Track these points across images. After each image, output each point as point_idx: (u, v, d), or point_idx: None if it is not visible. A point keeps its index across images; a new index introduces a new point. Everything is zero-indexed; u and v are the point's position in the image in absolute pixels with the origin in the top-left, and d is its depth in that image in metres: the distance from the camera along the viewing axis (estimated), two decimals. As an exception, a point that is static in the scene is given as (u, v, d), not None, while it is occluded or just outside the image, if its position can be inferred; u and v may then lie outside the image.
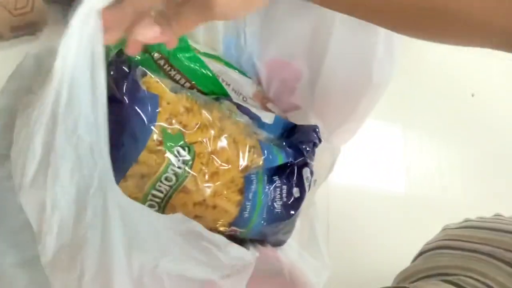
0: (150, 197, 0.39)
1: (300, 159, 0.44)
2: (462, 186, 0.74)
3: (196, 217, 0.41)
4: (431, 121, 0.77)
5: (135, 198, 0.38)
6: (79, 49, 0.30)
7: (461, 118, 0.79)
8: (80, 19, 0.29)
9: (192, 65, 0.44)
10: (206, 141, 0.39)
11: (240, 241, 0.44)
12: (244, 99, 0.48)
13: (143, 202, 0.39)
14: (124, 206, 0.33)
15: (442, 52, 0.84)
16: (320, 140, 0.45)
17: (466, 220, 0.49)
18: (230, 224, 0.42)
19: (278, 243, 0.47)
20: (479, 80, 0.83)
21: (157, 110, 0.37)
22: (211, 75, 0.45)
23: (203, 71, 0.45)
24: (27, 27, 0.59)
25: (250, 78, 0.52)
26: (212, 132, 0.39)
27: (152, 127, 0.37)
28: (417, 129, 0.76)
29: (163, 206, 0.39)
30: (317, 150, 0.46)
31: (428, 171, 0.74)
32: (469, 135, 0.77)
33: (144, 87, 0.37)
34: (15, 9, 0.56)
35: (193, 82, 0.44)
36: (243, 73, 0.52)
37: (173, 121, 0.38)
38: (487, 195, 0.73)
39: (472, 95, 0.81)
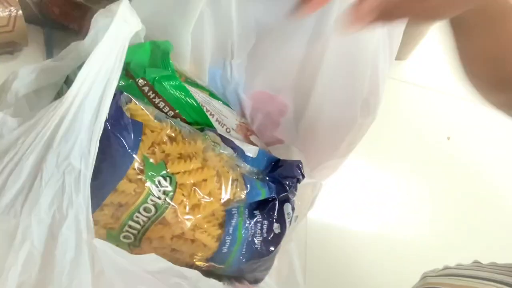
0: (126, 228, 0.37)
1: (282, 194, 0.43)
2: (436, 226, 0.74)
3: (173, 251, 0.39)
4: (408, 161, 0.78)
5: (111, 229, 0.37)
6: (95, 81, 0.29)
7: (437, 160, 0.80)
8: (103, 49, 0.29)
9: (177, 94, 0.43)
10: (189, 172, 0.38)
11: (217, 277, 0.42)
12: (228, 130, 0.47)
13: (119, 233, 0.37)
14: (95, 244, 0.31)
15: (419, 93, 0.86)
16: (303, 176, 0.44)
17: (445, 268, 0.49)
18: (208, 260, 0.40)
19: (255, 281, 0.45)
20: (455, 123, 0.86)
21: (140, 138, 0.36)
22: (195, 104, 0.44)
23: (188, 100, 0.44)
24: (6, 46, 0.58)
25: (234, 109, 0.52)
26: (196, 163, 0.38)
27: (134, 155, 0.36)
28: (394, 168, 0.77)
29: (139, 238, 0.37)
30: (299, 185, 0.46)
31: (405, 211, 0.74)
32: (445, 176, 0.79)
33: (128, 114, 0.36)
34: (-5, 27, 0.55)
35: (177, 111, 0.43)
36: (227, 104, 0.52)
37: (156, 149, 0.37)
38: (462, 235, 0.73)
39: (448, 138, 0.83)
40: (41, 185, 0.29)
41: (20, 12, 0.56)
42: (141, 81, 0.43)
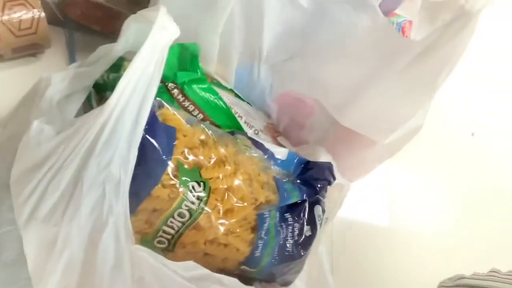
0: (160, 233, 0.37)
1: (313, 196, 0.43)
2: (462, 223, 0.74)
3: (206, 255, 0.39)
4: (432, 157, 0.77)
5: (145, 234, 0.37)
6: (136, 87, 0.29)
7: (462, 156, 0.79)
8: (144, 56, 0.29)
9: (206, 96, 0.43)
10: (222, 177, 0.38)
11: (248, 280, 0.42)
12: (256, 132, 0.47)
13: (153, 238, 0.37)
14: (135, 251, 0.31)
15: (442, 89, 0.85)
16: (334, 178, 0.44)
17: (461, 277, 0.49)
18: (241, 263, 0.40)
19: (285, 284, 0.45)
20: (479, 119, 0.85)
21: (173, 143, 0.36)
22: (225, 107, 0.44)
23: (217, 102, 0.44)
24: (29, 49, 0.58)
25: (260, 110, 0.51)
26: (228, 167, 0.38)
27: (168, 161, 0.35)
28: (419, 165, 0.76)
29: (174, 243, 0.37)
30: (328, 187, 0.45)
31: (430, 208, 0.73)
32: (470, 173, 0.78)
33: (160, 119, 0.36)
34: (19, 30, 0.55)
35: (206, 114, 0.43)
36: (252, 105, 0.51)
37: (189, 154, 0.37)
38: (488, 233, 0.72)
39: (472, 134, 0.82)
40: (82, 193, 0.29)
41: (42, 14, 0.56)
42: (171, 85, 0.42)
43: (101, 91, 0.45)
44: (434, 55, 0.41)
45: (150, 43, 0.32)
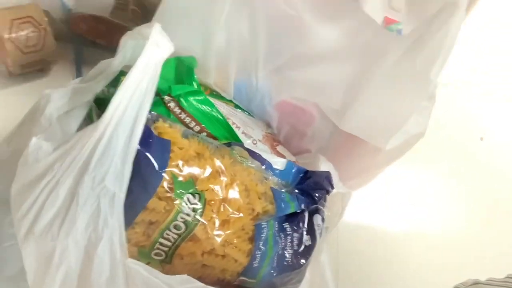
0: (157, 245, 0.37)
1: (312, 206, 0.43)
2: (470, 227, 0.72)
3: (204, 267, 0.40)
4: (441, 161, 0.76)
5: (142, 247, 0.37)
6: (130, 102, 0.30)
7: (471, 160, 0.78)
8: (137, 73, 0.30)
9: (202, 108, 0.44)
10: (218, 188, 0.38)
11: (248, 291, 0.42)
12: (254, 142, 0.47)
13: (150, 250, 0.37)
14: (129, 265, 0.32)
15: (451, 93, 0.84)
16: (332, 187, 0.44)
17: (476, 283, 0.48)
18: (239, 274, 0.40)
19: (287, 294, 0.45)
20: (488, 123, 0.83)
21: (168, 156, 0.36)
22: (221, 118, 0.44)
23: (214, 114, 0.44)
24: (37, 64, 0.60)
25: (260, 120, 0.52)
26: (224, 179, 0.38)
27: (163, 173, 0.36)
28: (427, 169, 0.75)
29: (171, 254, 0.38)
30: (328, 196, 0.45)
31: (438, 212, 0.72)
32: (478, 177, 0.77)
33: (155, 132, 0.37)
34: (26, 47, 0.57)
35: (203, 125, 0.44)
36: (252, 115, 0.52)
37: (184, 167, 0.37)
38: (496, 237, 0.71)
39: (481, 139, 0.81)
40: (77, 208, 0.30)
41: (49, 30, 0.58)
42: (167, 98, 0.43)
43: (102, 105, 0.46)
44: (423, 48, 0.41)
45: (143, 60, 0.33)
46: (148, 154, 0.35)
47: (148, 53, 0.32)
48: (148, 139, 0.36)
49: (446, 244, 0.70)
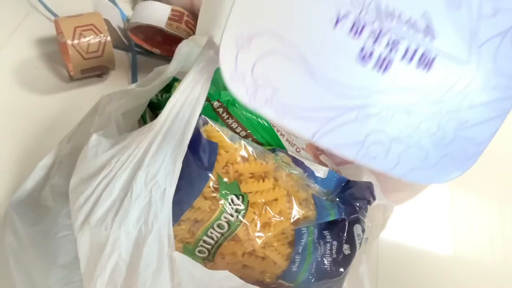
0: (201, 242, 0.39)
1: (352, 215, 0.43)
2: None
3: (244, 267, 0.41)
4: (490, 182, 0.74)
5: (187, 243, 0.39)
6: (183, 106, 0.32)
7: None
8: (192, 79, 0.32)
9: (249, 115, 0.45)
10: (261, 191, 0.39)
11: (286, 295, 0.43)
12: (298, 150, 0.48)
13: (194, 247, 0.39)
14: (175, 257, 0.33)
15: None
16: (374, 198, 0.44)
17: None
18: (278, 277, 0.41)
19: (324, 301, 0.45)
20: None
21: (215, 158, 0.38)
22: (267, 125, 0.46)
23: (260, 120, 0.46)
24: (96, 70, 0.63)
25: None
26: (267, 183, 0.40)
27: (210, 174, 0.38)
28: (473, 189, 0.73)
29: (213, 253, 0.39)
30: (369, 207, 0.45)
31: (482, 233, 0.70)
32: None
33: (204, 135, 0.39)
34: (87, 53, 0.61)
35: (249, 131, 0.45)
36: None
37: (230, 169, 0.39)
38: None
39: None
40: (130, 201, 0.32)
41: (109, 38, 0.62)
42: (216, 103, 0.45)
43: (155, 109, 0.48)
44: None
45: (197, 66, 0.35)
46: (196, 155, 0.37)
47: (203, 60, 0.34)
48: (197, 141, 0.37)
49: (488, 268, 0.67)
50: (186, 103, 0.33)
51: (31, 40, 0.67)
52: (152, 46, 0.68)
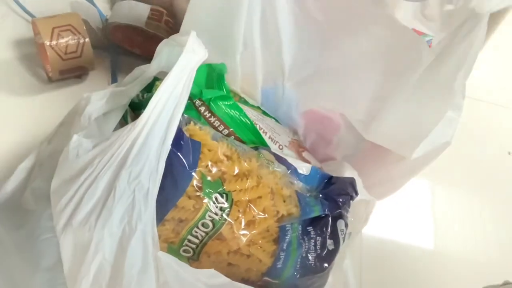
0: (186, 242, 0.39)
1: (335, 211, 0.44)
2: (496, 244, 0.71)
3: (230, 265, 0.41)
4: (468, 176, 0.76)
5: (172, 243, 0.39)
6: (166, 105, 0.32)
7: (498, 175, 0.77)
8: (173, 77, 0.32)
9: (231, 113, 0.45)
10: (245, 189, 0.39)
11: (272, 292, 0.43)
12: (280, 147, 0.48)
13: (179, 247, 0.39)
14: (160, 257, 0.33)
15: (479, 107, 0.84)
16: (356, 193, 0.45)
17: (506, 283, 0.47)
18: (263, 274, 0.41)
19: (309, 297, 0.46)
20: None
21: (198, 157, 0.38)
22: (249, 123, 0.46)
23: (242, 118, 0.46)
24: (75, 71, 0.63)
25: (286, 126, 0.53)
26: (251, 181, 0.40)
27: (193, 173, 0.38)
28: (453, 183, 0.75)
29: (198, 252, 0.39)
30: (352, 202, 0.46)
31: (463, 227, 0.72)
32: (506, 193, 0.76)
33: (187, 134, 0.39)
34: (65, 54, 0.60)
35: (231, 129, 0.45)
36: (279, 122, 0.53)
37: (213, 168, 0.39)
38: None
39: (509, 153, 0.80)
40: (114, 201, 0.32)
41: (87, 39, 0.61)
42: (198, 102, 0.45)
43: (136, 109, 0.48)
44: (447, 59, 0.41)
45: (179, 65, 0.35)
46: (179, 154, 0.37)
47: (185, 59, 0.34)
48: (180, 140, 0.37)
49: (470, 261, 0.69)
50: (169, 102, 0.33)
51: (7, 41, 0.66)
52: (132, 46, 0.68)
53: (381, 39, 0.45)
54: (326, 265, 0.43)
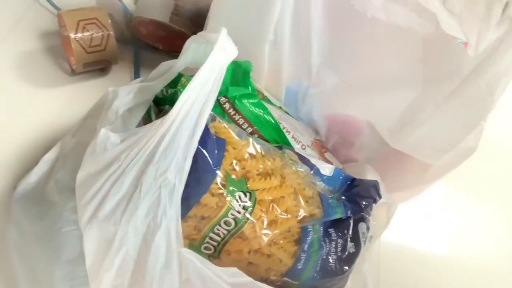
0: (207, 239, 0.39)
1: (358, 214, 0.43)
2: (508, 253, 0.70)
3: (250, 264, 0.41)
4: (492, 185, 0.74)
5: (193, 240, 0.39)
6: (195, 102, 0.32)
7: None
8: (203, 75, 0.32)
9: (256, 111, 0.45)
10: (268, 188, 0.39)
11: (291, 293, 0.43)
12: (303, 147, 0.48)
13: (200, 244, 0.39)
14: (183, 254, 0.33)
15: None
16: (380, 197, 0.44)
17: None
18: (283, 275, 0.41)
19: (328, 299, 0.45)
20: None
21: (223, 155, 0.38)
22: (273, 122, 0.46)
23: (266, 117, 0.45)
24: (98, 64, 0.63)
25: (308, 126, 0.52)
26: (274, 180, 0.40)
27: (217, 171, 0.38)
28: (476, 192, 0.74)
29: (219, 250, 0.39)
30: (374, 205, 0.45)
31: (484, 237, 0.70)
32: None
33: (212, 131, 0.38)
34: (89, 47, 0.60)
35: (255, 128, 0.45)
36: (301, 122, 0.53)
37: (237, 166, 0.39)
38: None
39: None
40: (140, 196, 0.32)
41: (112, 32, 0.61)
42: (222, 99, 0.45)
43: (159, 104, 0.48)
44: (488, 71, 0.40)
45: (210, 62, 0.35)
46: (204, 151, 0.37)
47: (215, 56, 0.34)
48: (206, 137, 0.37)
49: (488, 270, 0.68)
50: (198, 99, 0.33)
51: (33, 33, 0.66)
52: (155, 40, 0.68)
53: (419, 48, 0.44)
54: (346, 268, 0.43)
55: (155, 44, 0.68)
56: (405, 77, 0.46)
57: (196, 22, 0.67)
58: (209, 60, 0.33)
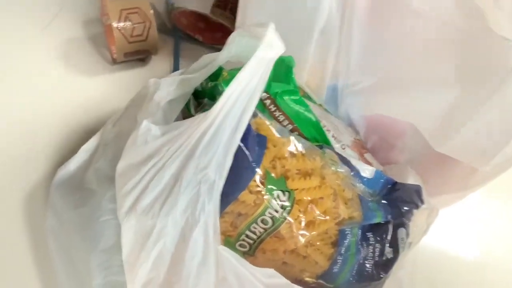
0: (243, 237, 0.38)
1: (398, 218, 0.42)
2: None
3: (284, 264, 0.40)
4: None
5: (229, 236, 0.38)
6: (239, 98, 0.32)
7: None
8: (249, 70, 0.31)
9: (296, 108, 0.44)
10: (307, 189, 0.38)
11: (324, 295, 0.42)
12: (343, 147, 0.47)
13: (236, 240, 0.38)
14: (221, 251, 0.33)
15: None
16: (422, 202, 0.43)
17: None
18: (318, 277, 0.40)
19: (361, 304, 0.44)
20: None
21: (263, 152, 0.37)
22: (314, 120, 0.44)
23: (307, 115, 0.44)
24: (138, 54, 0.63)
25: (349, 126, 0.51)
26: (314, 180, 0.39)
27: (257, 168, 0.37)
28: (498, 196, 0.70)
29: (254, 248, 0.39)
30: (415, 211, 0.44)
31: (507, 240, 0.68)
32: None
33: (253, 128, 0.38)
34: (131, 36, 0.61)
35: (295, 125, 0.44)
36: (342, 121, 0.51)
37: (277, 164, 0.38)
38: None
39: None
40: (179, 190, 0.32)
41: (153, 22, 0.61)
42: (264, 95, 0.44)
43: (198, 97, 0.48)
44: None
45: (257, 57, 0.34)
46: (245, 148, 0.36)
47: (262, 52, 0.33)
48: (247, 133, 0.37)
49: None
50: (242, 94, 0.32)
51: (75, 21, 0.67)
52: (195, 32, 0.68)
53: (463, 45, 0.42)
54: (383, 273, 0.42)
55: (195, 36, 0.68)
56: (448, 76, 0.44)
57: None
58: (256, 55, 0.33)
